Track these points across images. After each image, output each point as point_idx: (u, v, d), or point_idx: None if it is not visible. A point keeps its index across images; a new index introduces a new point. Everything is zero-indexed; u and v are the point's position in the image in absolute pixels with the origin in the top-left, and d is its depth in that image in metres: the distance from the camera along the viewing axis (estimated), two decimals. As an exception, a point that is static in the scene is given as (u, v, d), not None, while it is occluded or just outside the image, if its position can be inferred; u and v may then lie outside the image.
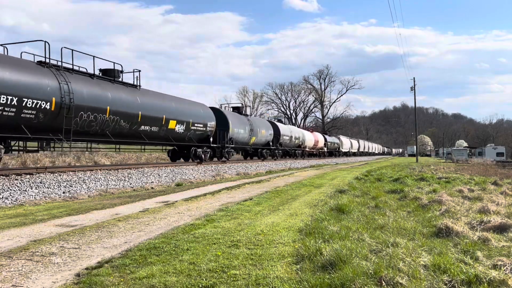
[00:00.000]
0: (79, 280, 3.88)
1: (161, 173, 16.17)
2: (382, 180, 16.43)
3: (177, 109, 19.55)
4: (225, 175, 18.66)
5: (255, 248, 5.03)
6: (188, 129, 20.29)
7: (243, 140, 27.12)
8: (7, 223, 6.82)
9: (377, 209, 8.13)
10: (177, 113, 19.39)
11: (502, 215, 7.21)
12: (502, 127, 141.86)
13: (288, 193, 11.52)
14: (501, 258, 4.43)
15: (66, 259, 4.62)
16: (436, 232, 5.94)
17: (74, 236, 5.81)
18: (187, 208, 8.55)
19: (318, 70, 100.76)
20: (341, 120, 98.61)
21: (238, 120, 26.70)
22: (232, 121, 25.26)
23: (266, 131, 31.47)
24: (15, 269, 4.22)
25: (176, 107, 19.58)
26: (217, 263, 4.35)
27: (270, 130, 32.79)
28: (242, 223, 6.68)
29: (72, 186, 11.54)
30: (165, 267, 4.23)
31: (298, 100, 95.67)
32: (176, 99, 20.65)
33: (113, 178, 13.45)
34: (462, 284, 3.75)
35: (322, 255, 4.45)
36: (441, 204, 8.57)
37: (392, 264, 4.11)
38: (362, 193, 11.05)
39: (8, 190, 9.95)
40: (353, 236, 5.47)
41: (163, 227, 6.49)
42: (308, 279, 3.75)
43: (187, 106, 21.00)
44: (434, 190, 11.89)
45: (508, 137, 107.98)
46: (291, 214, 7.69)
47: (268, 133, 32.07)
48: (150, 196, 10.96)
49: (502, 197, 10.06)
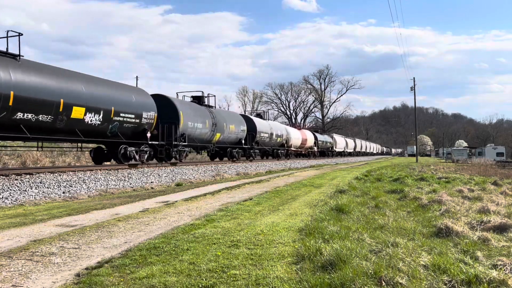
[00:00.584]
0: (79, 280, 3.88)
1: (161, 173, 16.18)
2: (382, 180, 16.43)
3: (89, 92, 14.03)
4: (225, 175, 18.66)
5: (255, 248, 5.03)
6: (109, 120, 14.86)
7: (202, 136, 22.06)
8: (7, 223, 6.82)
9: (377, 209, 8.13)
10: (87, 97, 13.84)
11: (502, 215, 7.21)
12: (502, 127, 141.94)
13: (288, 193, 11.52)
14: (501, 258, 4.43)
15: (66, 259, 4.62)
16: (436, 232, 5.94)
17: (74, 236, 5.81)
18: (187, 208, 8.55)
19: (318, 70, 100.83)
20: (341, 120, 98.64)
21: (195, 112, 21.55)
22: (185, 112, 20.16)
23: (237, 127, 26.39)
24: (15, 269, 4.22)
25: (88, 90, 14.08)
26: (217, 263, 4.35)
27: (243, 125, 27.56)
28: (242, 223, 6.68)
29: (72, 186, 11.54)
30: (165, 267, 4.23)
31: (298, 100, 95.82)
32: (88, 78, 14.78)
33: (113, 178, 13.45)
34: (462, 284, 3.75)
35: (322, 255, 4.45)
36: (441, 204, 8.57)
37: (392, 264, 4.11)
38: (362, 193, 11.05)
39: (8, 190, 9.95)
40: (353, 236, 5.47)
41: (163, 227, 6.50)
42: (308, 279, 3.75)
43: (107, 90, 15.21)
44: (434, 190, 11.89)
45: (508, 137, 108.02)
46: (291, 214, 7.69)
47: (240, 129, 26.90)
48: (150, 196, 10.96)
49: (502, 197, 10.06)
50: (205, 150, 24.88)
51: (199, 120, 21.47)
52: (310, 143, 46.08)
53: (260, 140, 30.49)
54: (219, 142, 24.38)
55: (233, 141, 26.36)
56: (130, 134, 16.62)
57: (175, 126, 19.06)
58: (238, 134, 26.69)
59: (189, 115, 20.54)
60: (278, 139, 35.01)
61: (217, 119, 23.63)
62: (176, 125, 19.17)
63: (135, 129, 16.72)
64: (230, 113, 28.60)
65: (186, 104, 21.80)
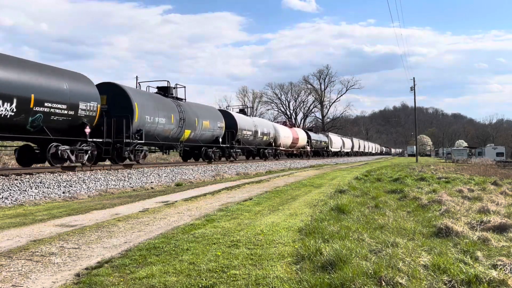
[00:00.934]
0: (79, 280, 3.88)
1: (161, 173, 16.18)
2: (382, 180, 16.43)
3: None
4: (224, 175, 18.66)
5: (255, 248, 5.03)
6: (27, 111, 11.90)
7: (165, 133, 18.92)
8: (7, 223, 6.82)
9: (377, 209, 8.13)
10: None
11: (502, 215, 7.21)
12: (502, 127, 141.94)
13: (288, 193, 11.52)
14: (501, 258, 4.43)
15: (66, 259, 4.62)
16: (436, 232, 5.94)
17: (74, 236, 5.81)
18: (187, 208, 8.55)
19: (318, 70, 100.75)
20: (341, 120, 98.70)
21: (156, 104, 18.30)
22: (142, 104, 17.02)
23: (212, 123, 23.41)
24: (15, 269, 4.22)
25: None
26: (217, 263, 4.34)
27: (220, 121, 24.47)
28: (242, 223, 6.68)
29: (72, 186, 11.54)
30: (165, 267, 4.23)
31: (298, 100, 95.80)
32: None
33: (113, 178, 13.45)
34: (462, 284, 3.75)
35: (322, 255, 4.45)
36: (441, 204, 8.57)
37: (392, 264, 4.11)
38: (362, 193, 11.05)
39: (8, 190, 9.95)
40: (353, 236, 5.47)
41: (163, 227, 6.49)
42: (308, 279, 3.75)
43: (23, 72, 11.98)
44: (434, 190, 11.89)
45: (508, 137, 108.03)
46: (291, 214, 7.69)
47: (217, 126, 23.89)
48: (150, 196, 10.96)
49: (502, 197, 10.06)
50: (174, 149, 21.73)
51: (161, 114, 18.19)
52: (302, 142, 43.27)
53: (242, 139, 27.34)
54: (190, 140, 21.37)
55: (208, 139, 23.37)
56: (63, 129, 13.56)
57: (127, 120, 15.86)
58: (215, 131, 23.65)
59: (147, 108, 17.38)
60: (265, 138, 31.92)
61: (187, 113, 20.49)
62: (129, 119, 15.94)
63: (70, 123, 13.60)
64: (205, 107, 24.56)
65: (145, 94, 18.50)
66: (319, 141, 51.09)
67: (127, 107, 16.31)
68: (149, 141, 18.03)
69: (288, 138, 38.33)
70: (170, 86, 21.20)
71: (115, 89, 16.66)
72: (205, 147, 23.29)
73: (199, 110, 22.64)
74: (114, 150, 15.92)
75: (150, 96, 18.90)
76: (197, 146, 22.91)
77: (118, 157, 16.45)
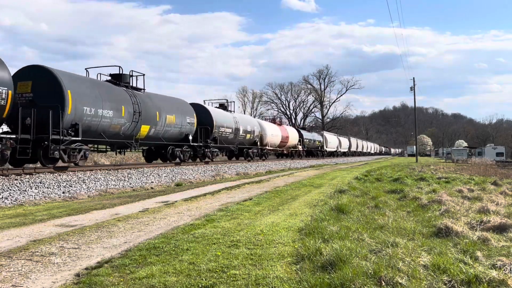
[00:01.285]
0: (79, 280, 3.88)
1: (161, 173, 16.18)
2: (381, 180, 16.44)
3: None
4: (224, 175, 18.67)
5: (255, 248, 5.03)
6: None
7: (114, 129, 15.63)
8: (7, 223, 6.82)
9: (376, 209, 8.13)
10: None
11: (501, 215, 7.21)
12: (502, 127, 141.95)
13: (288, 193, 11.52)
14: (501, 258, 4.43)
15: (65, 259, 4.62)
16: (436, 232, 5.94)
17: (73, 236, 5.81)
18: (187, 208, 8.55)
19: (318, 70, 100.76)
20: (340, 120, 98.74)
21: (100, 94, 14.88)
22: (78, 92, 13.90)
23: (180, 118, 20.17)
24: (15, 269, 4.22)
25: None
26: (216, 263, 4.35)
27: (190, 116, 21.30)
28: (242, 223, 6.68)
29: (72, 186, 11.54)
30: (165, 267, 4.23)
31: (298, 100, 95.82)
32: None
33: (112, 178, 13.46)
34: (462, 284, 3.75)
35: (321, 255, 4.45)
36: (441, 204, 8.57)
37: (391, 264, 4.11)
38: (362, 193, 11.05)
39: (8, 190, 9.95)
40: (353, 236, 5.47)
41: (163, 227, 6.50)
42: (308, 279, 3.75)
43: None
44: (433, 190, 11.89)
45: (508, 137, 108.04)
46: (291, 214, 7.69)
47: (186, 121, 20.78)
48: (150, 196, 10.96)
49: (501, 197, 10.06)
50: (129, 149, 18.17)
51: (107, 106, 15.01)
52: (293, 142, 40.22)
53: (220, 137, 24.29)
54: (150, 138, 18.23)
55: (175, 137, 20.23)
56: None
57: (56, 111, 12.91)
58: (183, 127, 20.48)
59: (86, 97, 14.24)
60: (248, 136, 28.63)
61: (145, 105, 17.34)
62: (59, 111, 13.00)
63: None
64: (170, 100, 20.97)
65: (84, 81, 15.05)
66: (312, 140, 48.31)
67: (57, 95, 13.17)
68: (91, 138, 14.65)
69: (276, 137, 35.37)
70: (123, 74, 17.50)
71: (43, 73, 13.54)
72: (171, 146, 20.13)
73: (162, 103, 19.29)
74: (40, 149, 12.92)
75: (92, 83, 15.16)
76: (162, 145, 19.80)
77: (45, 158, 13.21)
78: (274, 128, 35.94)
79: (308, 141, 46.42)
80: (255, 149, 30.56)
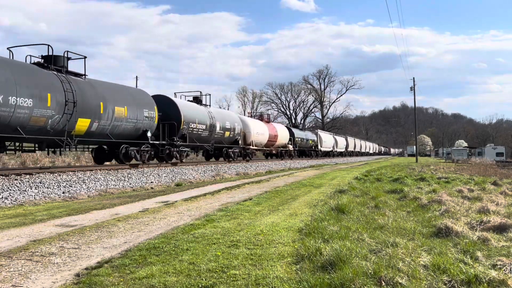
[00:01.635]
0: (79, 280, 3.88)
1: (161, 173, 16.18)
2: (381, 180, 16.44)
3: None
4: (224, 175, 18.67)
5: (254, 248, 5.03)
6: None
7: (36, 123, 12.36)
8: (7, 223, 6.82)
9: (376, 209, 8.13)
10: None
11: (501, 215, 7.21)
12: (502, 127, 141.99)
13: (288, 193, 11.52)
14: (501, 258, 4.43)
15: (65, 259, 4.62)
16: (436, 232, 5.94)
17: (73, 236, 5.81)
18: (187, 208, 8.55)
19: (318, 70, 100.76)
20: (340, 120, 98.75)
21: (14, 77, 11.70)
22: None
23: (134, 111, 16.44)
24: (15, 269, 4.22)
25: None
26: (216, 263, 4.34)
27: (150, 110, 17.54)
28: (242, 223, 6.68)
29: (72, 186, 11.54)
30: (165, 267, 4.23)
31: (298, 100, 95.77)
32: None
33: (112, 178, 13.46)
34: (462, 284, 3.75)
35: (321, 255, 4.45)
36: (441, 204, 8.57)
37: (391, 264, 4.11)
38: (362, 193, 11.05)
39: (8, 190, 9.95)
40: (353, 236, 5.47)
41: (163, 227, 6.49)
42: (308, 279, 3.75)
43: None
44: (433, 190, 11.89)
45: (508, 137, 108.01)
46: (291, 214, 7.69)
47: (143, 115, 17.00)
48: (149, 196, 10.97)
49: (501, 197, 10.06)
50: (64, 149, 14.44)
51: (25, 93, 11.88)
52: (282, 141, 37.08)
53: (190, 134, 20.93)
54: (92, 134, 14.80)
55: (128, 133, 16.46)
56: None
57: None
58: (139, 122, 16.79)
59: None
60: (227, 134, 25.16)
61: (83, 94, 14.06)
62: None
63: None
64: (122, 89, 17.11)
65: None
66: (305, 140, 45.06)
67: None
68: (3, 135, 11.67)
69: (262, 135, 32.03)
70: (55, 55, 14.12)
71: None
72: (125, 144, 16.60)
73: (109, 92, 15.69)
74: None
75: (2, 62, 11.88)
76: (113, 143, 16.29)
77: None
78: (260, 125, 32.58)
79: (300, 140, 43.42)
80: (236, 149, 27.01)
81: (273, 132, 34.71)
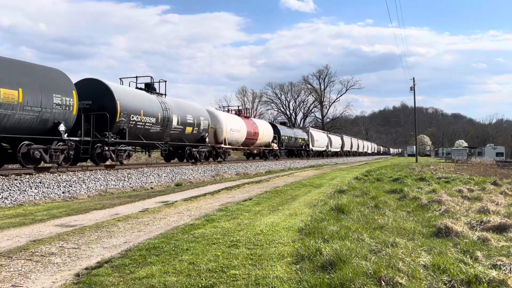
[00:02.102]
0: (79, 280, 3.88)
1: (161, 173, 16.18)
2: (381, 180, 16.43)
3: None
4: (224, 175, 18.66)
5: (254, 248, 5.03)
6: None
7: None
8: (7, 223, 6.82)
9: (376, 209, 8.13)
10: None
11: (501, 215, 7.21)
12: (502, 127, 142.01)
13: (288, 193, 11.52)
14: (501, 258, 4.44)
15: (65, 259, 4.62)
16: (436, 232, 5.94)
17: (73, 236, 5.81)
18: (187, 208, 8.55)
19: (318, 70, 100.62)
20: (340, 120, 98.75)
21: None
22: None
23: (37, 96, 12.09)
24: (15, 269, 4.22)
25: None
26: (216, 263, 4.34)
27: (65, 96, 13.11)
28: (242, 223, 6.68)
29: (72, 186, 11.54)
30: (165, 267, 4.23)
31: (297, 100, 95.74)
32: None
33: (112, 178, 13.45)
34: (462, 284, 3.75)
35: (321, 255, 4.45)
36: (441, 204, 8.57)
37: (391, 264, 4.11)
38: (362, 193, 11.05)
39: (8, 190, 9.95)
40: (353, 236, 5.47)
41: (163, 227, 6.49)
42: (308, 279, 3.75)
43: None
44: (433, 190, 11.89)
45: (508, 137, 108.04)
46: (291, 214, 7.69)
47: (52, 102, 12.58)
48: (149, 196, 10.96)
49: (501, 197, 10.06)
50: None
51: None
52: (265, 139, 32.32)
53: (131, 128, 16.34)
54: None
55: (27, 126, 12.06)
56: None
57: None
58: (47, 112, 12.44)
59: None
60: (189, 129, 20.71)
61: None
62: None
63: None
64: (14, 64, 12.12)
65: None
66: (293, 138, 40.08)
67: None
68: None
69: (238, 133, 27.07)
70: None
71: None
72: (26, 142, 12.22)
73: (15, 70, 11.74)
74: None
75: None
76: (12, 139, 12.07)
77: None
78: (235, 121, 27.47)
79: (288, 139, 38.48)
80: (204, 148, 22.90)
81: (252, 129, 29.44)
